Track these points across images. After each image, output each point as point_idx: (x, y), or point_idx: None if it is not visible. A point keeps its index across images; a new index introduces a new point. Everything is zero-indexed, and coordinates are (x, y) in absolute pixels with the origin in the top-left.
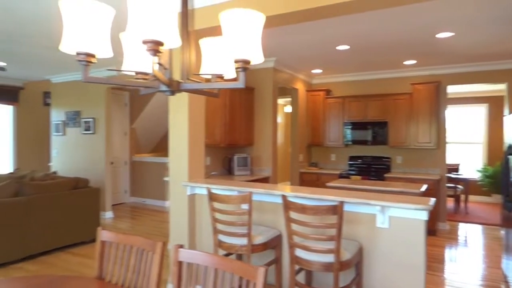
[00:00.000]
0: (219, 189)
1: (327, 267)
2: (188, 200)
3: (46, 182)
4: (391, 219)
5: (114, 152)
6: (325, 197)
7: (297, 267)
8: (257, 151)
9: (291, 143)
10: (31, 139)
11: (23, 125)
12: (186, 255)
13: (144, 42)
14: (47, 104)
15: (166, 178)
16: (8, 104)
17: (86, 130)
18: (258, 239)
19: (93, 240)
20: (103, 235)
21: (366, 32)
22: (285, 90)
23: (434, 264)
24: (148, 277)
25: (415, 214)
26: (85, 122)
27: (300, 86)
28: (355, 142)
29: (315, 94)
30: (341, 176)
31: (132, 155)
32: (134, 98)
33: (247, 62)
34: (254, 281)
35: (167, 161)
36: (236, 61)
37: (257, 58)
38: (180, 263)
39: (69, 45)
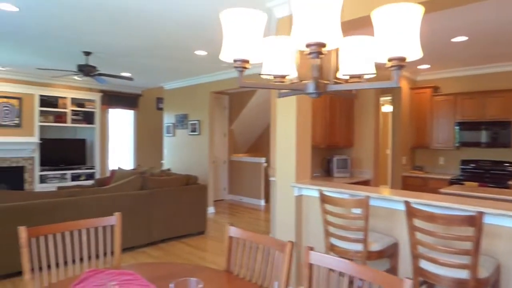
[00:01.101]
0: (331, 192)
1: (460, 284)
2: (295, 201)
3: (163, 178)
4: None
5: (215, 152)
6: (458, 206)
7: (420, 279)
8: (357, 153)
9: (391, 145)
10: (147, 139)
11: (141, 127)
12: (318, 258)
13: (308, 45)
14: (159, 109)
15: (272, 178)
16: (130, 109)
17: (192, 131)
18: (374, 246)
19: (200, 233)
20: (231, 231)
21: (487, 21)
22: (384, 88)
23: None
24: (276, 275)
25: None
26: (192, 124)
27: (403, 84)
28: (467, 144)
29: (420, 92)
30: (452, 182)
31: (230, 155)
32: (233, 101)
33: (402, 59)
34: None
35: (263, 161)
36: (390, 60)
37: (414, 54)
38: (311, 266)
39: (228, 53)
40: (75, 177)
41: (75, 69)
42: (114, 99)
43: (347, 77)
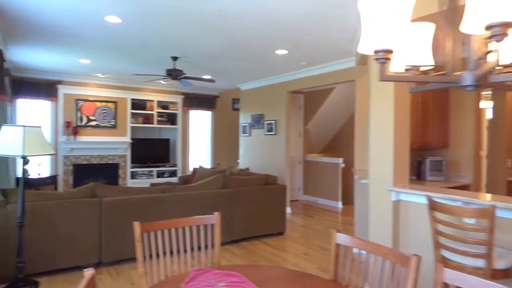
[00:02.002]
0: (441, 198)
1: None
2: (392, 207)
3: (244, 177)
4: None
5: (290, 152)
6: None
7: None
8: (453, 154)
9: (490, 145)
10: (223, 139)
11: (217, 127)
12: (455, 277)
13: (489, 27)
14: (235, 109)
15: (363, 181)
16: (208, 110)
17: (268, 131)
18: (499, 264)
19: (280, 233)
20: (339, 238)
21: None
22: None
23: None
24: None
25: None
26: (268, 124)
27: None
28: None
29: None
30: None
31: (305, 154)
32: (308, 100)
33: None
34: None
35: (340, 162)
36: None
37: None
38: (446, 286)
39: (367, 44)
40: (160, 174)
41: (164, 73)
42: (194, 101)
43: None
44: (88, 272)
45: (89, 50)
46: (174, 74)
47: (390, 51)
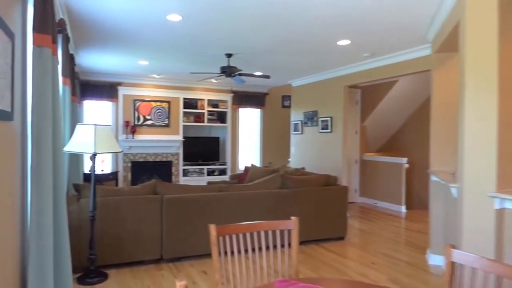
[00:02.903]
0: None
1: None
2: (495, 217)
3: (303, 177)
4: None
5: (346, 151)
6: None
7: None
8: None
9: None
10: (273, 137)
11: (267, 125)
12: None
13: None
14: (284, 106)
15: (453, 185)
16: (257, 108)
17: (323, 129)
18: None
19: (340, 238)
20: (455, 255)
21: None
22: None
23: None
24: None
25: None
26: (323, 121)
27: None
28: None
29: None
30: None
31: (362, 153)
32: (366, 95)
33: None
34: None
35: (404, 162)
36: None
37: None
38: None
39: None
40: (210, 172)
41: (218, 71)
42: (244, 98)
43: None
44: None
45: (148, 51)
46: (228, 71)
47: None
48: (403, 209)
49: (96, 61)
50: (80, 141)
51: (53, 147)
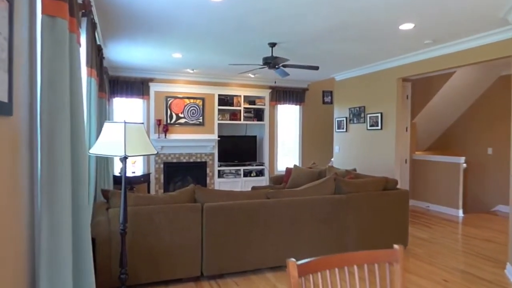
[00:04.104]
0: None
1: None
2: None
3: (358, 180)
4: None
5: (398, 149)
6: None
7: None
8: None
9: None
10: (313, 135)
11: (306, 123)
12: None
13: None
14: (325, 103)
15: None
16: (297, 104)
17: (372, 126)
18: None
19: None
20: None
21: None
22: None
23: None
24: None
25: None
26: (372, 117)
27: None
28: None
29: None
30: None
31: (412, 152)
32: (417, 89)
33: None
34: None
35: (462, 162)
36: None
37: None
38: None
39: None
40: (246, 173)
41: (260, 63)
42: (282, 94)
43: None
44: None
45: (183, 41)
46: (273, 62)
47: None
48: (460, 213)
49: (126, 55)
50: (108, 142)
51: (73, 150)
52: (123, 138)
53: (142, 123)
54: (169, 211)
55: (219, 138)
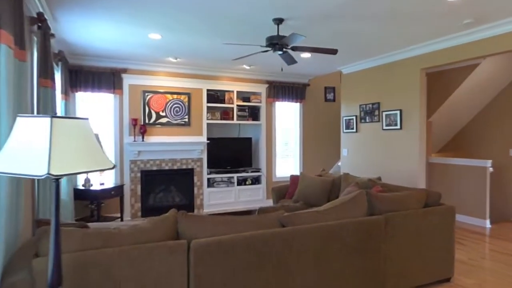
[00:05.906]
0: None
1: None
2: None
3: (394, 195)
4: None
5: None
6: None
7: None
8: None
9: None
10: (314, 137)
11: (307, 122)
12: None
13: None
14: (328, 100)
15: None
16: (296, 102)
17: (388, 125)
18: None
19: (444, 281)
20: None
21: None
22: None
23: None
24: None
25: None
26: (389, 115)
27: None
28: None
29: None
30: None
31: (429, 155)
32: (434, 84)
33: None
34: None
35: (488, 165)
36: None
37: None
38: None
39: None
40: (240, 181)
41: (264, 44)
42: (280, 90)
43: None
44: None
45: (161, 16)
46: (279, 44)
47: None
48: (487, 224)
49: (91, 34)
50: (21, 150)
51: None
52: (47, 145)
53: (87, 118)
54: (137, 257)
55: (208, 141)
